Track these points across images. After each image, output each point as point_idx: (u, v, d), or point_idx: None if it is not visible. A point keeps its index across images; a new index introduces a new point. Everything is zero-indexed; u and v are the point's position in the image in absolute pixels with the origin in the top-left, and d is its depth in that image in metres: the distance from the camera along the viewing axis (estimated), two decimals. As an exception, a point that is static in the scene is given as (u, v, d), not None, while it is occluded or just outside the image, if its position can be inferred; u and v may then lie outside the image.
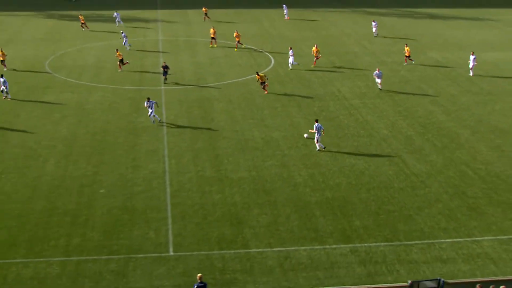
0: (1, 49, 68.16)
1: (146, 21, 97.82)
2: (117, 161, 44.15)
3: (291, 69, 67.40)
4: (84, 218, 36.33)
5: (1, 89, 57.00)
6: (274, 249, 33.33)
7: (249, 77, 64.35)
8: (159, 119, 51.16)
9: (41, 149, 46.14)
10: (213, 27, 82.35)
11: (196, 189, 40.02)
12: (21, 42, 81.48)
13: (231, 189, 39.95)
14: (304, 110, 54.52)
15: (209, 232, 34.90)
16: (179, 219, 36.32)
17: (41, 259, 32.29)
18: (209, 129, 50.13)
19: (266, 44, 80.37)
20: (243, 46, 77.95)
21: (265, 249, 33.29)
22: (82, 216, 36.61)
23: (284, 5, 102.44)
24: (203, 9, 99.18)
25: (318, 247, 33.54)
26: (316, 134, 45.32)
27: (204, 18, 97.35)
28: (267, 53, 75.30)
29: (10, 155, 45.12)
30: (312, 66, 67.97)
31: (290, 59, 68.12)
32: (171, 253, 32.93)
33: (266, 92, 58.75)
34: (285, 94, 59.00)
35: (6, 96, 57.27)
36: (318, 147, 45.59)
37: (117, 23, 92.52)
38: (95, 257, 32.51)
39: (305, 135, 47.70)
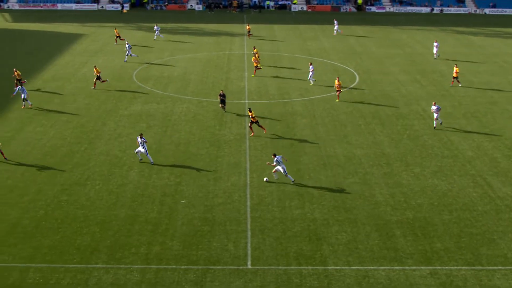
0: (15, 70, 65.92)
1: (232, 35, 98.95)
2: (199, 172, 44.62)
3: (312, 85, 66.90)
4: (165, 227, 36.83)
5: (22, 98, 58.46)
6: (353, 267, 33.05)
7: (333, 93, 64.09)
8: (151, 161, 46.34)
9: (126, 158, 47.06)
10: (254, 47, 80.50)
11: (276, 203, 40.06)
12: (110, 53, 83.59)
13: (311, 205, 39.83)
14: (387, 128, 53.98)
15: (288, 247, 34.87)
16: (258, 232, 36.42)
17: (122, 266, 32.86)
18: (292, 144, 50.15)
19: (350, 61, 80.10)
20: (258, 66, 73.00)
21: (343, 267, 33.03)
22: (162, 225, 37.13)
23: (335, 21, 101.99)
24: (247, 26, 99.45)
25: (398, 267, 33.08)
26: (279, 167, 42.49)
27: (249, 35, 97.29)
28: (352, 70, 75.01)
29: (96, 162, 46.19)
30: (337, 100, 62.42)
31: (310, 74, 67.92)
32: (249, 266, 33.02)
33: (252, 134, 51.82)
34: (369, 112, 58.56)
35: (24, 105, 58.73)
36: (281, 177, 43.14)
37: (155, 36, 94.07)
38: (174, 266, 32.89)
39: (265, 179, 43.16)
